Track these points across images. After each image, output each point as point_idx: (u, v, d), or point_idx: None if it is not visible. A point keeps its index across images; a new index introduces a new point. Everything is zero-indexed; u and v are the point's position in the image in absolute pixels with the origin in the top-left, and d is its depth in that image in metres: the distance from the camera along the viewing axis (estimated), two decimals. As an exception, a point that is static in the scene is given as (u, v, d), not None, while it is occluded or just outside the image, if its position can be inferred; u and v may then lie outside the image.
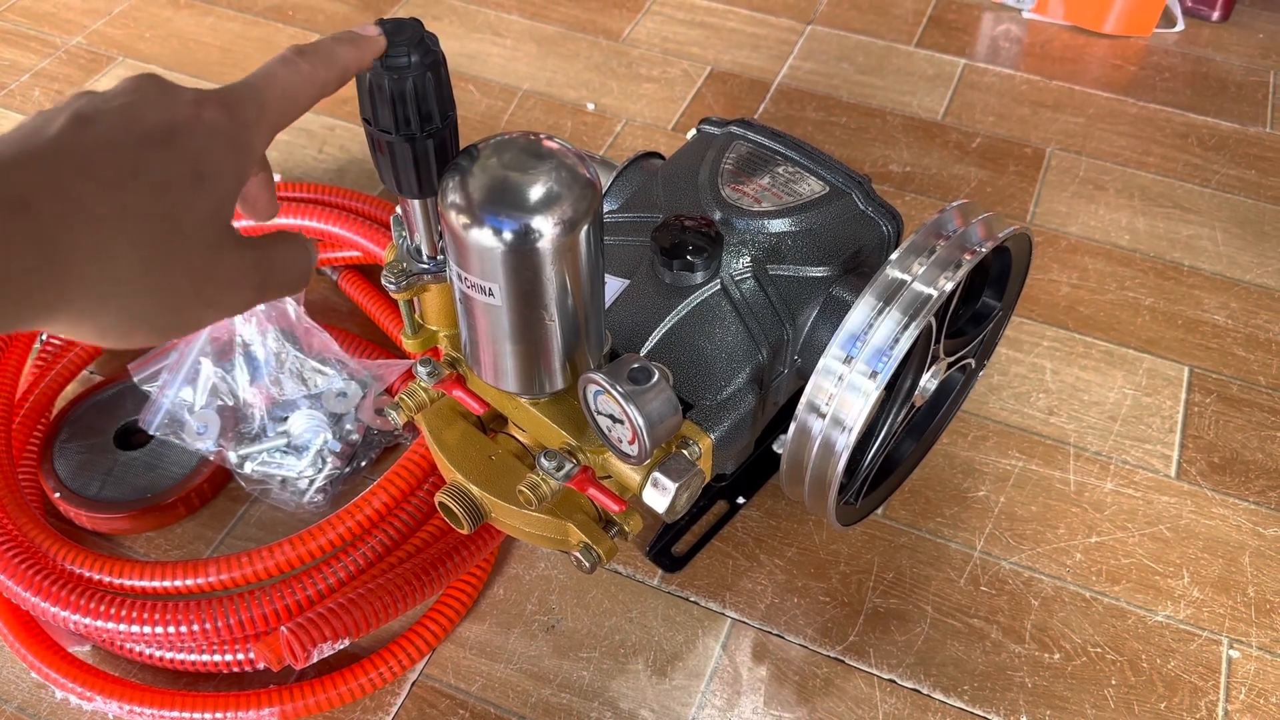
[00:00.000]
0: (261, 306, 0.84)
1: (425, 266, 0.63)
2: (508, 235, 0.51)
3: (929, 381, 0.72)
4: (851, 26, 1.29)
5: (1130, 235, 1.04)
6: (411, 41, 0.51)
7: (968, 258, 0.63)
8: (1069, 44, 1.28)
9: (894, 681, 0.73)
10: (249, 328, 0.83)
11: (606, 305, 0.71)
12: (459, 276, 0.55)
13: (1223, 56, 1.28)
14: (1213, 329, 0.96)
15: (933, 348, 0.69)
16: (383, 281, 0.62)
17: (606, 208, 0.81)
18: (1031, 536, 0.80)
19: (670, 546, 0.80)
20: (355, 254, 0.90)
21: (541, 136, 0.54)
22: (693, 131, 0.81)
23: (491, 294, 0.54)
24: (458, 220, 0.52)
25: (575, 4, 1.32)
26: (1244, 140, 1.16)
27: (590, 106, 1.17)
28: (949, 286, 0.62)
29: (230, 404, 0.83)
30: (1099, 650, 0.74)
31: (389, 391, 0.84)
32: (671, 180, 0.78)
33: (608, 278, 0.73)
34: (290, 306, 0.85)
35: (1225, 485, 0.84)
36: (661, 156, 0.84)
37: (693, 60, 1.24)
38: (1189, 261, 1.02)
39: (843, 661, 0.74)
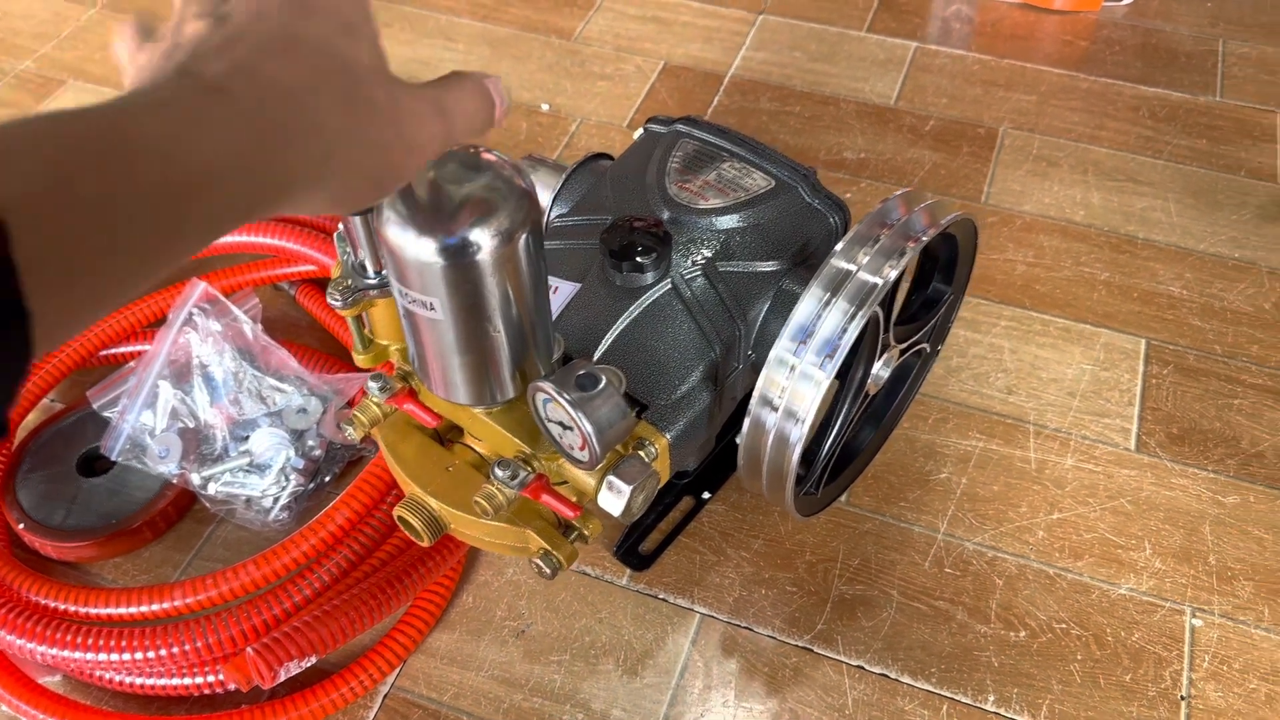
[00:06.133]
0: (217, 325, 0.84)
1: (371, 282, 0.63)
2: (445, 249, 0.51)
3: (881, 369, 0.73)
4: (803, 14, 1.30)
5: (1085, 210, 1.05)
6: None
7: (911, 245, 0.64)
8: (1019, 22, 1.29)
9: (862, 667, 0.74)
10: (206, 348, 0.83)
11: (559, 310, 0.71)
12: (401, 292, 0.55)
13: (1172, 27, 1.29)
14: (1168, 300, 0.97)
15: (882, 336, 0.69)
16: (328, 300, 0.62)
17: (556, 211, 0.81)
18: (994, 516, 0.81)
19: (637, 545, 0.80)
20: (311, 268, 0.90)
21: (477, 149, 0.54)
22: (639, 131, 0.81)
23: (434, 308, 0.54)
24: (395, 236, 0.52)
25: (527, 4, 1.31)
26: (1195, 110, 1.17)
27: (544, 107, 1.17)
28: (893, 274, 0.63)
29: (191, 426, 0.83)
30: (1064, 626, 0.75)
31: (351, 405, 0.84)
32: (619, 181, 0.78)
33: (560, 282, 0.73)
34: (247, 325, 0.84)
35: (1184, 455, 0.85)
36: (610, 157, 0.84)
37: (646, 56, 1.24)
38: (1143, 234, 1.03)
39: (811, 650, 0.74)
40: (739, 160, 0.77)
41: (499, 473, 0.60)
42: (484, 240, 0.52)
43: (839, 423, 0.73)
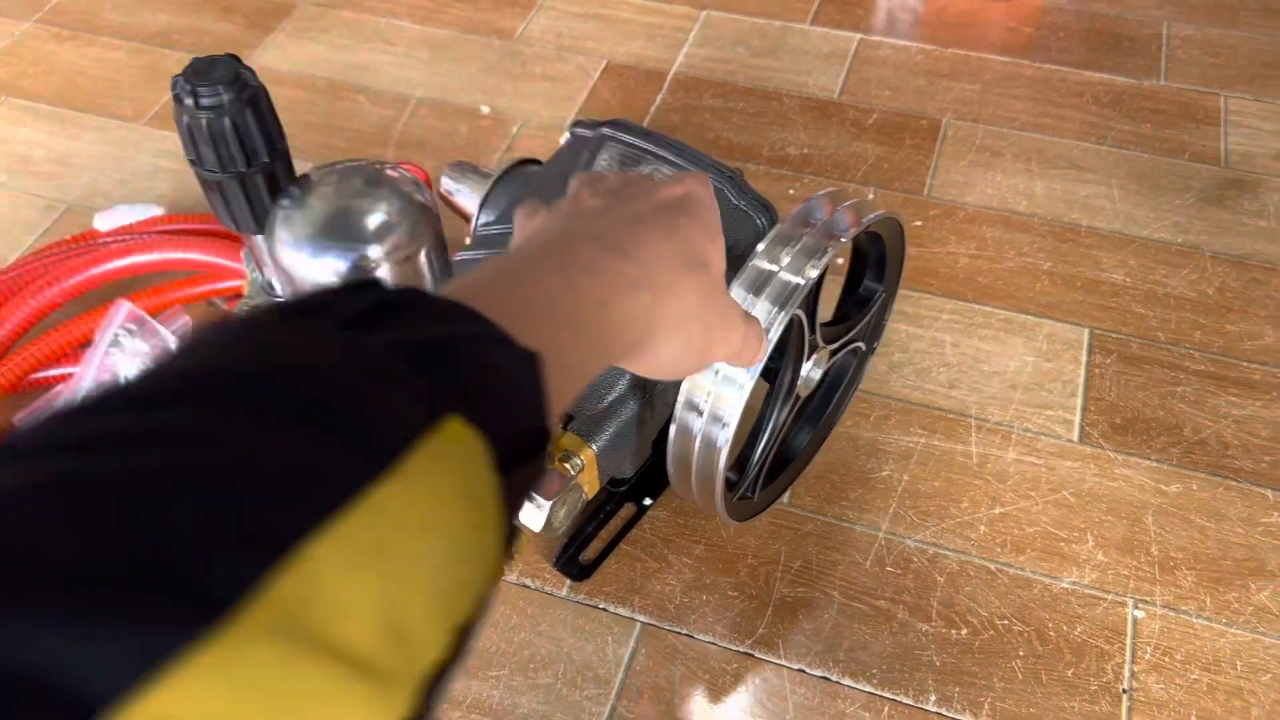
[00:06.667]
0: (144, 346, 0.83)
1: (280, 299, 0.62)
2: (343, 267, 0.51)
3: (812, 370, 0.72)
4: (746, 9, 1.29)
5: (1028, 200, 1.05)
6: (225, 79, 0.50)
7: (832, 245, 0.63)
8: (964, 10, 1.28)
9: (803, 671, 0.73)
10: (133, 368, 0.82)
11: None
12: None
13: (1116, 10, 1.28)
14: (1111, 288, 0.96)
15: (809, 337, 0.68)
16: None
17: (483, 219, 0.80)
18: (935, 512, 0.80)
19: (578, 555, 0.80)
20: (241, 283, 0.89)
21: (376, 164, 0.53)
22: (566, 135, 0.80)
23: None
24: (289, 258, 0.51)
25: (467, 5, 1.30)
26: (1139, 94, 1.17)
27: (484, 110, 1.15)
28: (815, 274, 0.62)
29: (122, 448, 0.81)
30: (1006, 622, 0.75)
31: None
32: (544, 189, 0.77)
33: None
34: (174, 344, 0.83)
35: (1127, 445, 0.85)
36: (539, 162, 0.83)
37: (588, 55, 1.23)
38: (1087, 222, 1.03)
39: (752, 655, 0.74)
40: (665, 163, 0.76)
41: None
42: (382, 256, 0.51)
43: (770, 426, 0.72)
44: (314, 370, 0.24)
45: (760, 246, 0.63)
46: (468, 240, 0.80)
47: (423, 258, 0.52)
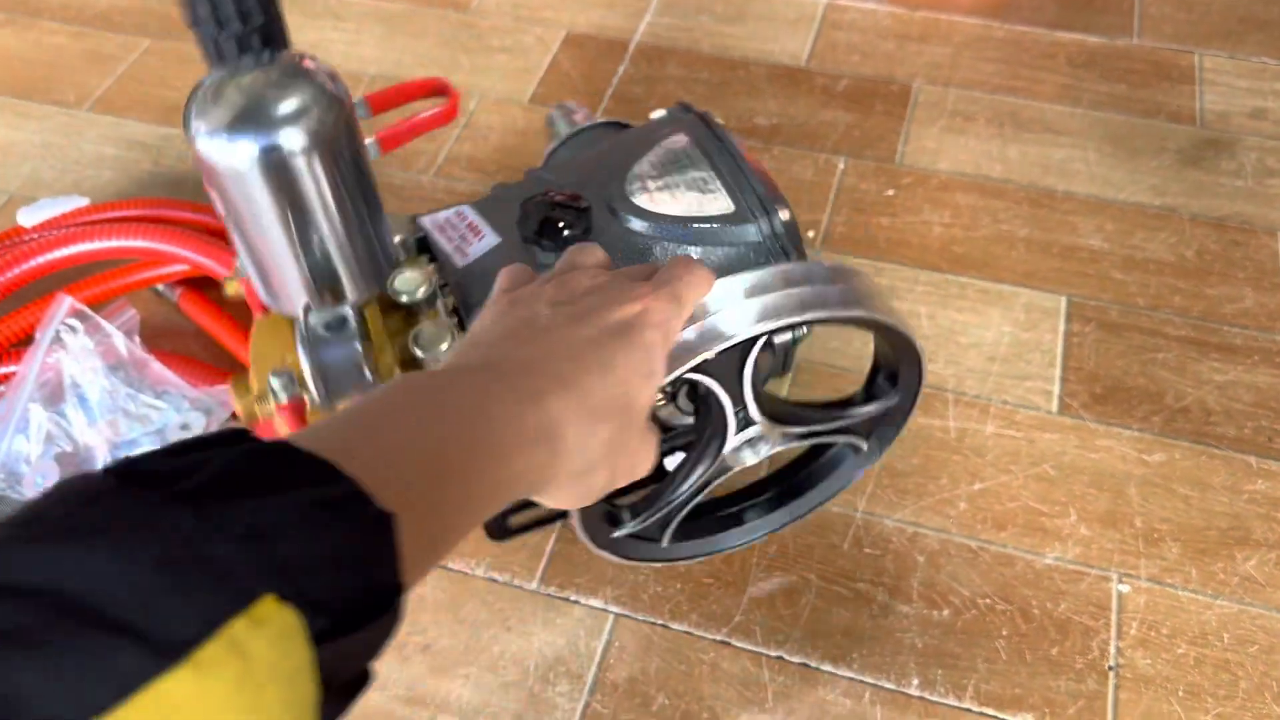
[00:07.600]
0: (90, 343, 0.79)
1: None
2: (254, 151, 0.53)
3: (743, 451, 0.62)
4: (710, -26, 1.25)
5: (1002, 165, 1.02)
6: None
7: (797, 316, 0.54)
8: (932, -29, 1.25)
9: (782, 658, 0.71)
10: (78, 366, 0.78)
11: (474, 258, 0.68)
12: (218, 204, 0.56)
13: (1088, -31, 1.25)
14: (1089, 254, 0.94)
15: (731, 408, 0.58)
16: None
17: (549, 161, 0.79)
18: (914, 490, 0.78)
19: (509, 517, 0.74)
20: (182, 268, 0.85)
21: (295, 54, 0.56)
22: (660, 112, 0.77)
23: (248, 212, 0.55)
24: (204, 143, 0.53)
25: (422, -22, 1.25)
26: (1113, 53, 1.14)
27: (441, 86, 1.11)
28: (753, 333, 0.51)
29: (69, 450, 0.78)
30: (988, 601, 0.73)
31: (235, 418, 0.80)
32: (594, 157, 0.75)
33: (487, 230, 0.69)
34: (119, 339, 0.79)
35: (1108, 415, 0.82)
36: (627, 126, 0.81)
37: (546, 25, 1.19)
38: (1063, 186, 1.00)
39: (729, 644, 0.71)
40: (715, 173, 0.70)
41: (273, 381, 0.60)
42: (293, 145, 0.52)
43: (684, 470, 0.63)
44: (120, 570, 0.25)
45: (727, 280, 0.53)
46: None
47: (329, 149, 0.53)
